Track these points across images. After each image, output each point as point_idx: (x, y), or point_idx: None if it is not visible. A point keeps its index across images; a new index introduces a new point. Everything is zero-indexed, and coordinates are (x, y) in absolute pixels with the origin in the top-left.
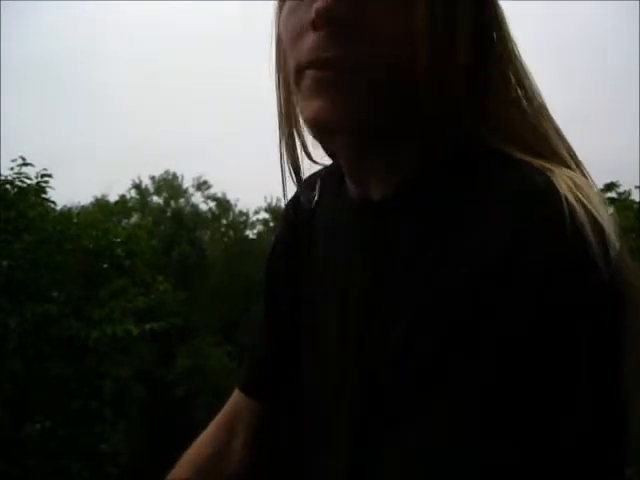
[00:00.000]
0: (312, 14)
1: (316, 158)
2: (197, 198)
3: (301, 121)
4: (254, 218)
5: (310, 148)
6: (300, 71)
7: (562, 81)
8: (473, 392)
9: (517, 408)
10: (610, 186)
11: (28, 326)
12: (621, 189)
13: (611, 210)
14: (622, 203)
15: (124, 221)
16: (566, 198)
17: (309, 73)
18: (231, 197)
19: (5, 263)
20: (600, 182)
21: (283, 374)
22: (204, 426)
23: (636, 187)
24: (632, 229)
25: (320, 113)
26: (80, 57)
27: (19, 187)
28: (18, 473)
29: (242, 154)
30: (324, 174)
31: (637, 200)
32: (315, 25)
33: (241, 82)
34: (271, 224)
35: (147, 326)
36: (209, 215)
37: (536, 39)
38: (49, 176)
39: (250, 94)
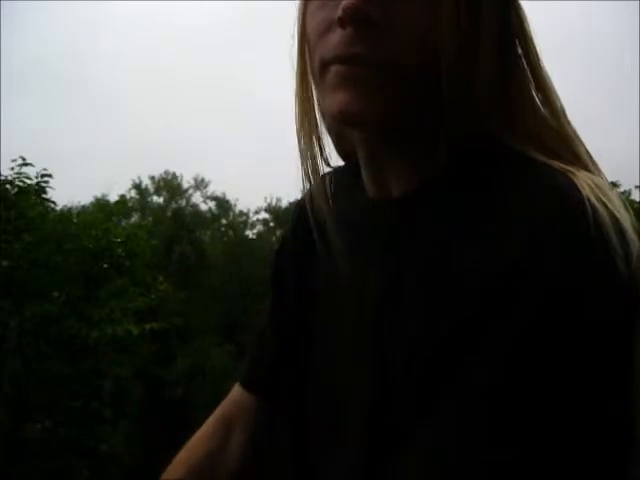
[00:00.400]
0: (339, 12)
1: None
2: (197, 198)
3: (319, 124)
4: (254, 218)
5: (327, 153)
6: (325, 66)
7: (562, 81)
8: (485, 392)
9: (529, 408)
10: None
11: (28, 326)
12: (621, 189)
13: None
14: None
15: (124, 221)
16: (588, 199)
17: (334, 68)
18: (231, 197)
19: (5, 263)
20: None
21: (286, 371)
22: None
23: (636, 187)
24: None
25: (344, 106)
26: (80, 57)
27: (19, 187)
28: (18, 473)
29: (242, 154)
30: (336, 173)
31: (637, 200)
32: (342, 22)
33: (241, 82)
34: (271, 224)
35: (147, 326)
36: (209, 215)
37: (536, 39)
38: (49, 176)
39: (251, 94)
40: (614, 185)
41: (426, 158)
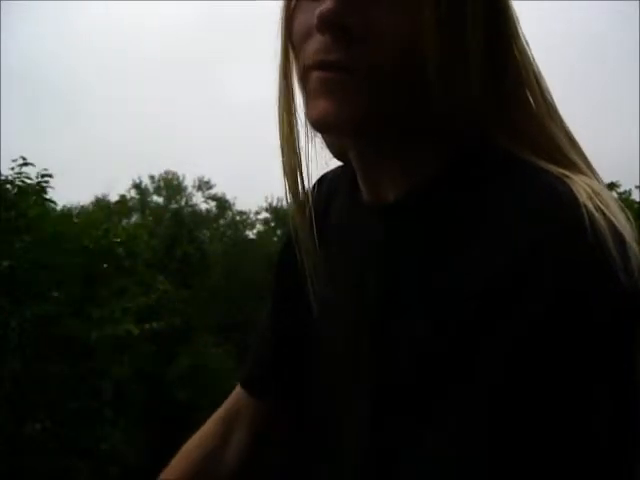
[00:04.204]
0: (315, 18)
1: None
2: (197, 198)
3: (300, 137)
4: (254, 218)
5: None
6: (306, 72)
7: (562, 81)
8: (485, 398)
9: (530, 413)
10: (610, 186)
11: (28, 326)
12: (621, 189)
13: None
14: (622, 203)
15: (124, 221)
16: (586, 206)
17: (315, 74)
18: (231, 197)
19: (5, 263)
20: None
21: (286, 373)
22: None
23: (636, 187)
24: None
25: (324, 114)
26: (81, 57)
27: (19, 187)
28: (18, 473)
29: (243, 153)
30: (333, 177)
31: (637, 200)
32: (319, 29)
33: (242, 82)
34: (272, 224)
35: (147, 326)
36: (209, 215)
37: (535, 39)
38: (49, 176)
39: (251, 94)
40: (614, 185)
41: (419, 161)
